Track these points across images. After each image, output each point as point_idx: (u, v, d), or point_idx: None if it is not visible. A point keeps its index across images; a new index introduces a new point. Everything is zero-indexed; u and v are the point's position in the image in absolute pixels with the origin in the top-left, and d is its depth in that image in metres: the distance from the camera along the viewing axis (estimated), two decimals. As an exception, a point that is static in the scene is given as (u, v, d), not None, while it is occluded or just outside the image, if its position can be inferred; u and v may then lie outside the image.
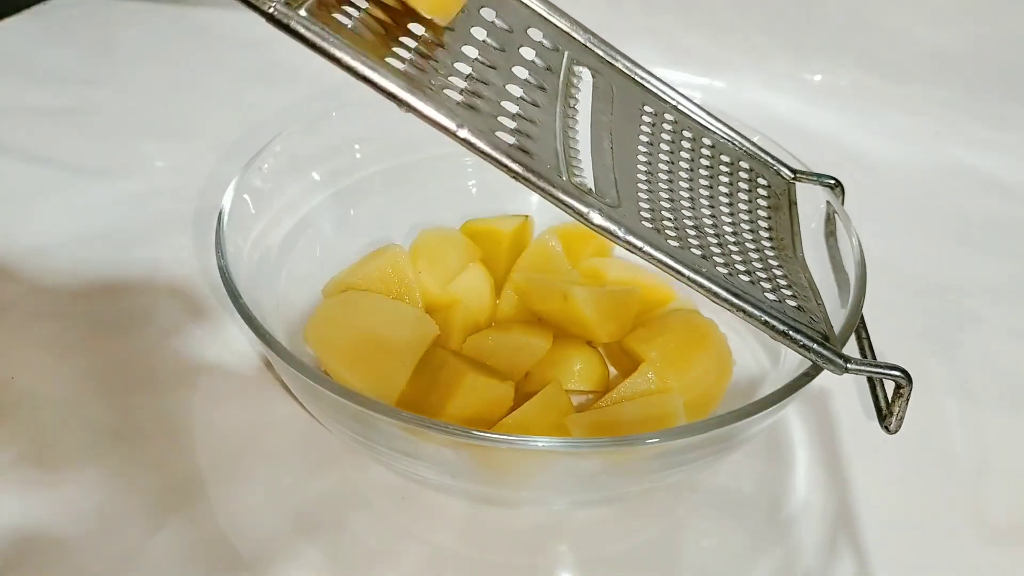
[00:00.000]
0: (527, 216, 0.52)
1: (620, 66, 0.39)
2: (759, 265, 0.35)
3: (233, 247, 0.40)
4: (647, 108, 0.39)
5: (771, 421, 0.42)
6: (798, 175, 0.41)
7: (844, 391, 0.47)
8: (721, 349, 0.45)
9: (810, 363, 0.36)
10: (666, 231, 0.33)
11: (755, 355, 0.47)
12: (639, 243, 0.31)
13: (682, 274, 0.31)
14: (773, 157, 0.41)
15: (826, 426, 0.46)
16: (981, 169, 0.66)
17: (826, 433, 0.45)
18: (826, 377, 0.36)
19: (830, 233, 0.42)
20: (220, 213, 0.41)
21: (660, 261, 0.31)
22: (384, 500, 0.41)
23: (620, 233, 0.31)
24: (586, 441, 0.36)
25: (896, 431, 0.34)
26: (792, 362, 0.42)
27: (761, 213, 0.38)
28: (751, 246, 0.36)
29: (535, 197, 0.54)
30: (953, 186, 0.65)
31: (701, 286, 0.31)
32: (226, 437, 0.43)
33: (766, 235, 0.37)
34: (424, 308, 0.47)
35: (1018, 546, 0.41)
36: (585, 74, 0.37)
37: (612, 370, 0.47)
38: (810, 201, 0.42)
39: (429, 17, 0.31)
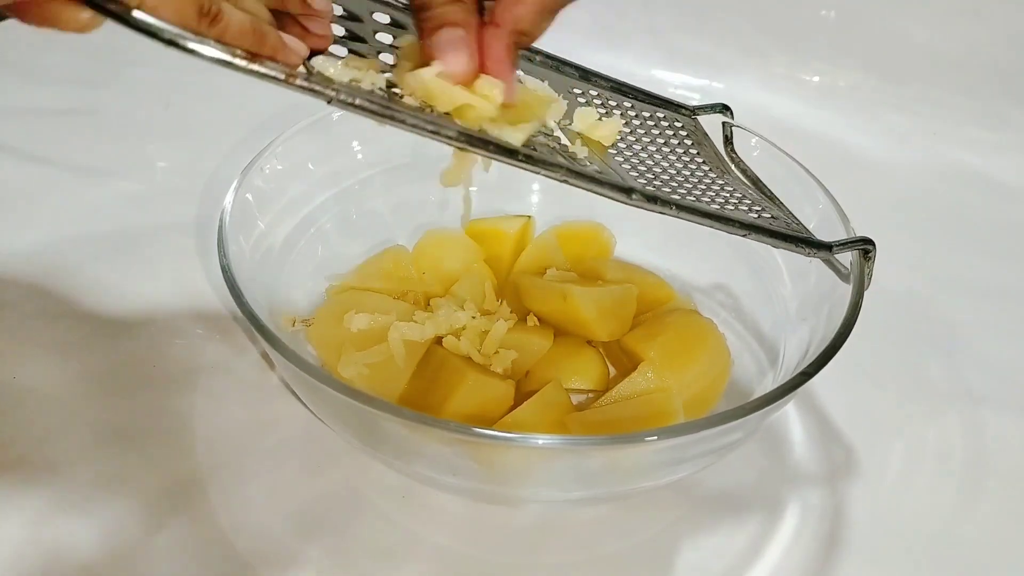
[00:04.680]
0: (529, 217, 0.52)
1: (538, 60, 0.40)
2: (725, 194, 0.38)
3: (235, 247, 0.41)
4: (576, 90, 0.40)
5: (770, 420, 0.42)
6: (696, 110, 0.44)
7: (843, 390, 0.47)
8: (720, 348, 0.45)
9: (809, 362, 0.37)
10: (663, 189, 0.36)
11: (754, 354, 0.47)
12: (682, 213, 0.35)
13: (709, 215, 0.35)
14: (671, 102, 0.43)
15: (824, 425, 0.46)
16: (979, 169, 0.66)
17: (825, 432, 0.45)
18: (823, 376, 0.36)
19: (731, 150, 0.45)
20: (222, 213, 0.41)
21: (695, 214, 0.35)
22: (385, 499, 0.41)
23: (672, 212, 0.35)
24: (585, 439, 0.36)
25: (866, 289, 0.39)
26: (791, 361, 0.42)
27: (693, 152, 0.41)
28: (709, 180, 0.39)
29: (535, 197, 0.56)
30: (951, 186, 0.65)
31: (722, 219, 0.35)
32: (227, 436, 0.43)
33: (707, 168, 0.40)
34: (426, 308, 0.47)
35: (1017, 546, 0.41)
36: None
37: (611, 369, 0.47)
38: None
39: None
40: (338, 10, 0.35)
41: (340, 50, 0.34)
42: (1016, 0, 0.66)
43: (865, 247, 0.39)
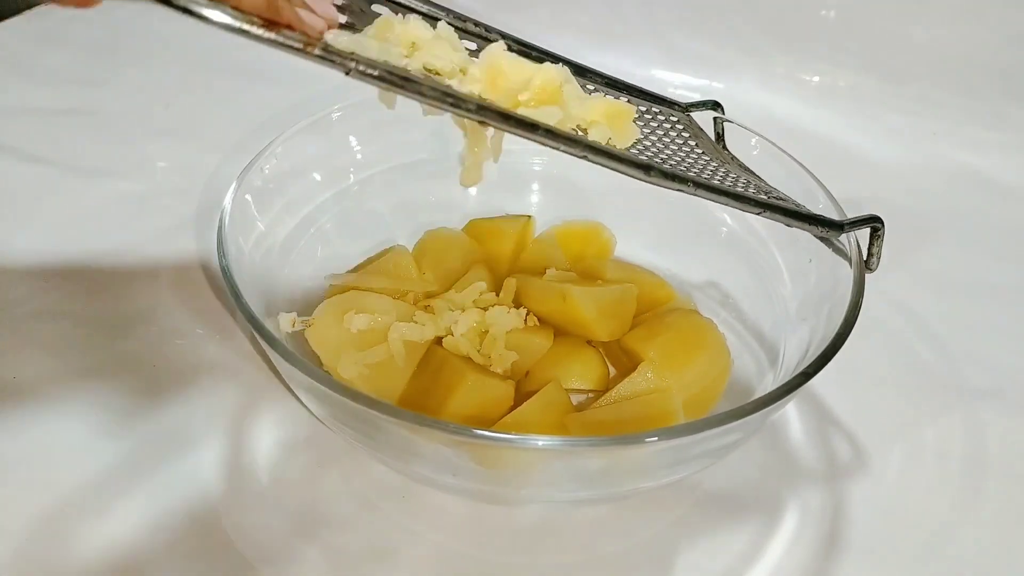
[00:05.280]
0: (530, 216, 0.52)
1: (534, 56, 0.40)
2: (732, 178, 0.38)
3: (235, 247, 0.41)
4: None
5: (770, 420, 0.42)
6: (688, 107, 0.44)
7: (843, 390, 0.47)
8: (719, 348, 0.45)
9: (809, 362, 0.37)
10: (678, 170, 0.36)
11: (753, 354, 0.47)
12: (699, 191, 0.35)
13: (726, 193, 0.35)
14: (665, 99, 0.43)
15: (825, 425, 0.46)
16: (979, 169, 0.66)
17: (825, 432, 0.46)
18: (824, 376, 0.36)
19: (723, 147, 0.45)
20: (222, 213, 0.41)
21: (712, 191, 0.35)
22: (385, 499, 0.41)
23: (689, 188, 0.35)
24: (585, 440, 0.36)
25: (875, 268, 0.40)
26: (791, 361, 0.42)
27: (692, 143, 0.41)
28: (713, 167, 0.39)
29: (535, 197, 0.56)
30: (951, 186, 0.65)
31: (738, 197, 0.36)
32: (227, 436, 0.43)
33: (707, 158, 0.40)
34: (427, 309, 0.47)
35: (1017, 545, 0.41)
36: None
37: (611, 369, 0.47)
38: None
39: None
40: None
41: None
42: (1016, 0, 0.66)
43: (874, 225, 0.39)
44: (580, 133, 0.35)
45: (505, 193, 0.55)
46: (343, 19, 0.34)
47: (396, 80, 0.29)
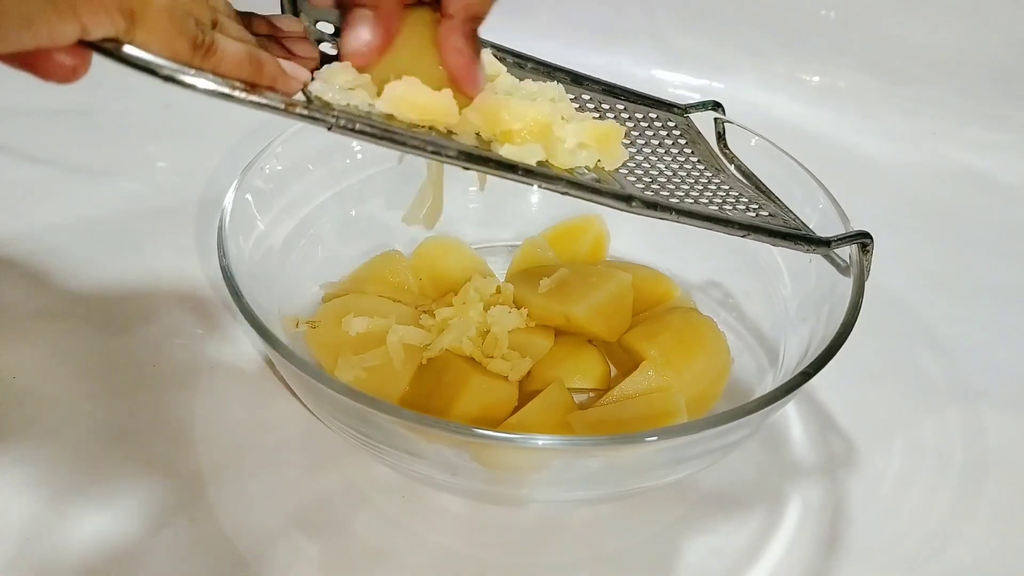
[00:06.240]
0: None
1: (529, 67, 0.40)
2: (722, 193, 0.39)
3: (235, 247, 0.41)
4: (568, 96, 0.40)
5: (770, 419, 0.42)
6: (687, 109, 0.44)
7: (843, 389, 0.47)
8: (720, 347, 0.45)
9: (809, 362, 0.37)
10: (661, 192, 0.37)
11: (753, 353, 0.47)
12: (682, 218, 0.35)
13: (708, 218, 0.35)
14: (663, 101, 0.43)
15: (825, 424, 0.46)
16: (978, 170, 0.66)
17: (825, 431, 0.46)
18: (824, 375, 0.36)
19: (724, 147, 0.45)
20: (222, 213, 0.41)
21: (694, 217, 0.35)
22: (385, 499, 0.41)
23: (672, 217, 0.35)
24: (585, 439, 0.36)
25: (865, 280, 0.40)
26: (791, 361, 0.42)
27: (688, 151, 0.41)
28: (705, 179, 0.39)
29: (535, 198, 0.55)
30: (951, 187, 0.65)
31: (721, 222, 0.36)
32: (227, 436, 0.43)
33: (703, 167, 0.40)
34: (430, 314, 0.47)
35: (1016, 544, 0.41)
36: None
37: (612, 368, 0.47)
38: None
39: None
40: (328, 28, 0.35)
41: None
42: (1016, 0, 0.66)
43: (863, 241, 0.39)
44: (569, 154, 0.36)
45: (505, 193, 0.55)
46: (331, 51, 0.35)
47: (377, 133, 0.31)
